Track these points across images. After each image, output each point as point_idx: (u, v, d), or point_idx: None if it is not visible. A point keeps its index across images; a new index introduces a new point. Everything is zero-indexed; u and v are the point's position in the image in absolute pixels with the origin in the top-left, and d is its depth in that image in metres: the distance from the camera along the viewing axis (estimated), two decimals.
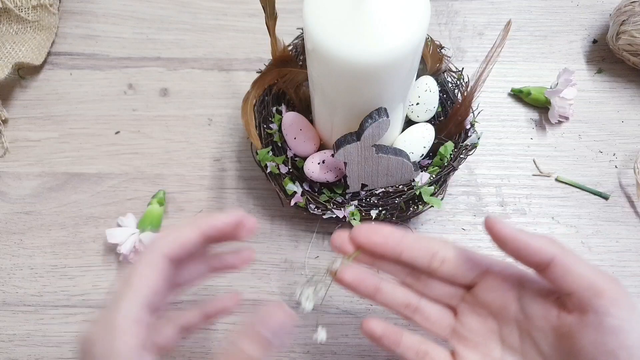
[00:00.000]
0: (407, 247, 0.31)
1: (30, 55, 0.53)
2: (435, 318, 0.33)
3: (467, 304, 0.33)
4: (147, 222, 0.45)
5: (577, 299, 0.27)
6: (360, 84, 0.33)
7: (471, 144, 0.43)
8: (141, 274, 0.27)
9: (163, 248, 0.28)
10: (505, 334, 0.31)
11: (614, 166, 0.49)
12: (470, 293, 0.33)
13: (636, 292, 0.44)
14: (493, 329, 0.32)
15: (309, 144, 0.42)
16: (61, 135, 0.51)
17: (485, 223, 0.29)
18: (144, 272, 0.27)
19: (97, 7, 0.58)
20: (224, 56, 0.55)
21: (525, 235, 0.28)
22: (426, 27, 0.32)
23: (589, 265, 0.28)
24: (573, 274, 0.27)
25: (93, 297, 0.45)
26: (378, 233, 0.31)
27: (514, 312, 0.31)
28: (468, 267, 0.31)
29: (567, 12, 0.57)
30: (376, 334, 0.33)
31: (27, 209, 0.48)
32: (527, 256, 0.28)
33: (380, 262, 0.33)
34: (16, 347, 0.43)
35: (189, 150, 0.51)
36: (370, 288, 0.33)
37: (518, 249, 0.28)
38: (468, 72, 0.45)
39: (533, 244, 0.28)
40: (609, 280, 0.27)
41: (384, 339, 0.33)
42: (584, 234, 0.47)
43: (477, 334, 0.32)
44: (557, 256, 0.27)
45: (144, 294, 0.26)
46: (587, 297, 0.27)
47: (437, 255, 0.31)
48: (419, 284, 0.33)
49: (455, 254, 0.31)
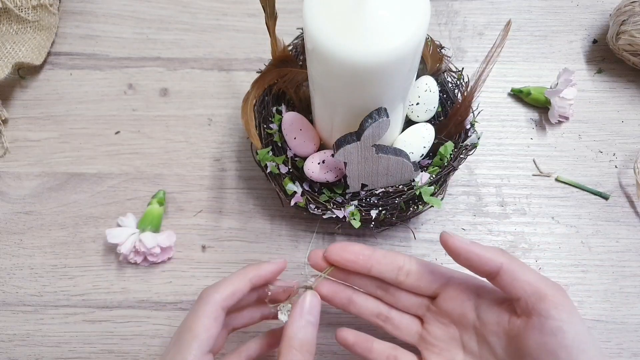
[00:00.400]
0: (376, 262, 0.35)
1: (30, 55, 0.53)
2: (404, 326, 0.37)
3: (431, 313, 0.36)
4: (147, 222, 0.45)
5: (524, 304, 0.30)
6: (360, 84, 0.33)
7: (471, 144, 0.43)
8: (203, 324, 0.31)
9: (218, 300, 0.32)
10: (466, 340, 0.34)
11: (614, 166, 0.49)
12: (434, 303, 0.36)
13: (636, 292, 0.44)
14: (455, 336, 0.35)
15: (309, 144, 0.42)
16: (61, 135, 0.52)
17: (441, 238, 0.33)
18: (205, 323, 0.31)
19: (97, 7, 0.58)
20: (224, 56, 0.55)
21: (476, 248, 0.32)
22: (426, 27, 0.32)
23: (534, 273, 0.31)
24: (519, 281, 0.30)
25: (93, 297, 0.45)
26: (348, 251, 0.35)
27: (472, 319, 0.34)
28: (430, 279, 0.35)
29: (567, 12, 0.57)
30: (349, 341, 0.36)
31: (27, 209, 0.48)
32: (478, 266, 0.32)
33: (352, 276, 0.36)
34: (16, 347, 0.43)
35: (189, 150, 0.51)
36: (344, 300, 0.37)
37: (470, 260, 0.32)
38: (468, 72, 0.45)
39: (483, 255, 0.31)
40: (552, 286, 0.30)
41: (357, 346, 0.36)
42: (584, 234, 0.47)
43: (441, 341, 0.35)
44: (504, 265, 0.31)
45: (206, 342, 0.31)
46: (532, 302, 0.30)
47: (403, 269, 0.35)
48: (388, 295, 0.36)
49: (418, 268, 0.35)
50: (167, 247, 0.45)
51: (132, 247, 0.44)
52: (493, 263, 0.31)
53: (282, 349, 0.31)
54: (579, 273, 0.45)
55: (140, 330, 0.44)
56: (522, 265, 0.31)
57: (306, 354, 0.31)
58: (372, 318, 0.37)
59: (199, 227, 0.47)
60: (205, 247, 0.47)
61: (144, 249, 0.43)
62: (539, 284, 0.30)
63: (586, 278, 0.45)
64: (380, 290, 0.36)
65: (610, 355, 0.42)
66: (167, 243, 0.44)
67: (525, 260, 0.46)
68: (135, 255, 0.44)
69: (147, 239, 0.43)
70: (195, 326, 0.31)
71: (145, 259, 0.45)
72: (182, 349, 0.30)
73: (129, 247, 0.44)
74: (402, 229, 0.47)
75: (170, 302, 0.44)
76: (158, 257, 0.45)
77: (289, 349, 0.31)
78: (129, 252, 0.44)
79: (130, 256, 0.44)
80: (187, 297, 0.45)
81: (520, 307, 0.31)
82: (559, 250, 0.46)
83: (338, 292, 0.37)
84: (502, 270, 0.31)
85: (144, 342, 0.43)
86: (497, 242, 0.46)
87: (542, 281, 0.30)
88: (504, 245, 0.46)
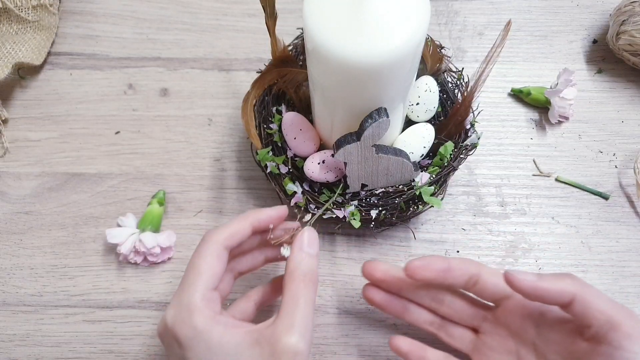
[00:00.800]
0: (450, 276, 0.34)
1: (30, 55, 0.53)
2: (458, 334, 0.37)
3: (488, 323, 0.36)
4: (147, 222, 0.45)
5: (595, 331, 0.30)
6: (360, 84, 0.33)
7: (471, 144, 0.43)
8: (207, 262, 0.31)
9: (220, 239, 0.32)
10: (522, 354, 0.34)
11: (614, 166, 0.49)
12: (494, 314, 0.36)
13: (636, 292, 0.44)
14: (511, 349, 0.35)
15: (309, 144, 0.42)
16: (61, 135, 0.52)
17: (505, 278, 0.32)
18: (209, 260, 0.31)
19: (97, 7, 0.58)
20: (224, 56, 0.55)
21: (544, 283, 0.31)
22: (426, 27, 0.32)
23: (607, 300, 0.30)
24: (593, 310, 0.30)
25: (93, 297, 0.45)
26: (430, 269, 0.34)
27: (532, 335, 0.34)
28: (494, 290, 0.34)
29: (567, 12, 0.57)
30: (403, 349, 0.37)
31: (27, 209, 0.48)
32: (549, 301, 0.31)
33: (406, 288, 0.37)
34: (16, 347, 0.43)
35: (189, 150, 0.51)
36: (398, 308, 0.37)
37: (540, 297, 0.31)
38: (468, 72, 0.45)
39: (553, 290, 0.30)
40: (627, 315, 0.29)
41: (411, 355, 0.37)
42: (584, 234, 0.47)
43: (496, 352, 0.35)
44: (577, 295, 0.30)
45: (211, 280, 0.31)
46: (603, 330, 0.29)
47: (473, 278, 0.34)
48: (444, 307, 0.37)
49: (486, 276, 0.34)
50: (167, 247, 0.45)
51: (132, 247, 0.44)
52: (565, 296, 0.30)
53: (286, 281, 0.32)
54: (579, 273, 0.45)
55: (140, 330, 0.44)
56: (594, 292, 0.30)
57: (309, 283, 0.32)
58: (426, 325, 0.38)
59: (199, 227, 0.47)
60: None
61: (144, 249, 0.43)
62: (612, 313, 0.29)
63: (586, 278, 0.45)
64: (434, 302, 0.37)
65: None
66: (167, 243, 0.44)
67: (525, 260, 0.46)
68: (135, 255, 0.44)
69: (147, 239, 0.43)
70: (199, 264, 0.31)
71: (145, 259, 0.45)
72: (188, 287, 0.31)
73: (129, 247, 0.44)
74: (402, 229, 0.47)
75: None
76: (158, 257, 0.45)
77: (292, 280, 0.32)
78: (129, 252, 0.44)
79: (130, 256, 0.44)
80: None
81: (590, 332, 0.30)
82: (559, 250, 0.46)
83: (392, 300, 0.37)
84: (574, 301, 0.30)
85: (144, 342, 0.43)
86: (497, 242, 0.46)
87: (615, 309, 0.30)
88: (503, 245, 0.46)
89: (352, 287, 0.45)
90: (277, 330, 0.29)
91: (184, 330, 0.30)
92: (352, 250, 0.46)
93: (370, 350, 0.42)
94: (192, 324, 0.29)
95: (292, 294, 0.31)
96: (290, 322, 0.29)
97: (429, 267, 0.34)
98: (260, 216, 0.35)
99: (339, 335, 0.43)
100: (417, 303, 0.37)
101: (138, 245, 0.43)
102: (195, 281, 0.31)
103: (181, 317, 0.30)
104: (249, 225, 0.34)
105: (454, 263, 0.34)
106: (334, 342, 0.43)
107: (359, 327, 0.43)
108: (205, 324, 0.29)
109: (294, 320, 0.29)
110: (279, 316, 0.30)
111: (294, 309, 0.30)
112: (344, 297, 0.44)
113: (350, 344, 0.43)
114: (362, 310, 0.44)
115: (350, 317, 0.44)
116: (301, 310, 0.30)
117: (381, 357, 0.42)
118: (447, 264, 0.34)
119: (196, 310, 0.30)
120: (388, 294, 0.37)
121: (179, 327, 0.30)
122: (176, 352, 0.30)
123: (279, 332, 0.29)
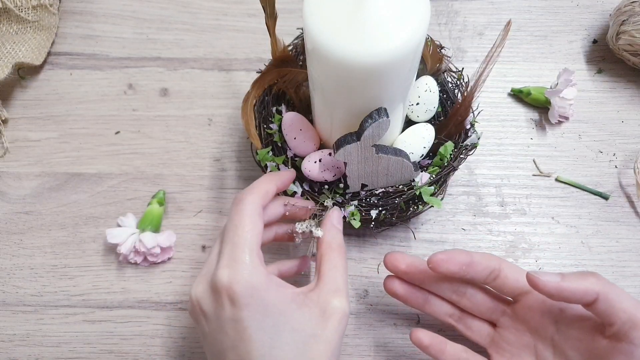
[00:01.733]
0: (472, 270, 0.35)
1: (30, 55, 0.53)
2: (476, 327, 0.38)
3: (507, 317, 0.36)
4: (147, 222, 0.45)
5: (617, 329, 0.30)
6: (360, 84, 0.33)
7: (471, 144, 0.43)
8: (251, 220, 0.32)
9: (256, 199, 0.33)
10: (540, 349, 0.35)
11: (614, 166, 0.49)
12: (513, 308, 0.36)
13: (636, 292, 0.44)
14: (529, 344, 0.35)
15: (309, 144, 0.42)
16: (61, 135, 0.52)
17: (528, 279, 0.32)
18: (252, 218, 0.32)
19: (97, 7, 0.58)
20: (224, 56, 0.55)
21: (568, 283, 0.31)
22: (426, 27, 0.32)
23: (630, 299, 0.30)
24: (616, 309, 0.30)
25: (93, 297, 0.45)
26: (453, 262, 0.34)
27: (551, 331, 0.34)
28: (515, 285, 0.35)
29: (567, 12, 0.57)
30: (424, 342, 0.37)
31: (27, 209, 0.48)
32: (573, 300, 0.31)
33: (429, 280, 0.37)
34: (16, 347, 0.43)
35: (189, 150, 0.51)
36: (419, 299, 0.38)
37: (565, 297, 0.31)
38: (468, 72, 0.45)
39: (576, 289, 0.31)
40: None
41: (431, 348, 0.37)
42: (584, 234, 0.47)
43: (514, 346, 0.36)
44: (600, 294, 0.30)
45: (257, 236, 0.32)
46: (625, 328, 0.29)
47: (494, 272, 0.35)
48: (464, 300, 0.37)
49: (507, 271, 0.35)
50: (167, 247, 0.45)
51: (132, 247, 0.44)
52: (588, 295, 0.30)
53: (324, 251, 0.34)
54: None
55: (140, 330, 0.44)
56: (618, 291, 0.31)
57: (343, 253, 0.35)
58: (446, 317, 0.38)
59: (199, 227, 0.47)
60: (205, 247, 0.47)
61: (144, 249, 0.43)
62: (635, 311, 0.30)
63: None
64: (455, 295, 0.37)
65: None
66: (167, 243, 0.44)
67: (525, 260, 0.46)
68: (135, 255, 0.44)
69: (147, 239, 0.43)
70: (244, 223, 0.31)
71: (145, 259, 0.45)
72: (239, 246, 0.31)
73: (129, 247, 0.44)
74: (402, 229, 0.47)
75: (170, 302, 0.45)
76: (158, 257, 0.45)
77: (332, 250, 0.34)
78: (129, 252, 0.44)
79: (130, 256, 0.44)
80: (187, 297, 0.45)
81: (611, 330, 0.30)
82: (559, 250, 0.46)
83: (414, 292, 0.38)
84: (598, 300, 0.30)
85: (144, 342, 0.43)
86: (497, 242, 0.46)
87: (638, 308, 0.30)
88: (503, 245, 0.46)
89: (352, 287, 0.45)
90: (324, 293, 0.31)
91: (242, 288, 0.29)
92: (352, 250, 0.46)
93: (370, 350, 0.42)
94: (251, 282, 0.29)
95: (333, 262, 0.33)
96: (335, 287, 0.32)
97: (452, 260, 0.34)
98: (281, 177, 0.37)
99: None
100: (438, 295, 0.38)
101: (138, 245, 0.43)
102: (245, 239, 0.31)
103: (239, 275, 0.29)
104: (275, 185, 0.36)
105: (477, 257, 0.35)
106: None
107: (359, 327, 0.43)
108: (262, 282, 0.30)
109: (337, 285, 0.32)
110: (322, 281, 0.32)
111: (336, 275, 0.33)
112: None
113: (350, 344, 0.43)
114: (362, 310, 0.44)
115: (351, 317, 0.44)
116: (342, 276, 0.33)
117: (381, 357, 0.42)
118: (469, 258, 0.34)
119: (253, 267, 0.30)
120: (410, 286, 0.38)
121: (237, 285, 0.29)
122: (226, 314, 0.30)
123: (325, 294, 0.31)
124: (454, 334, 0.39)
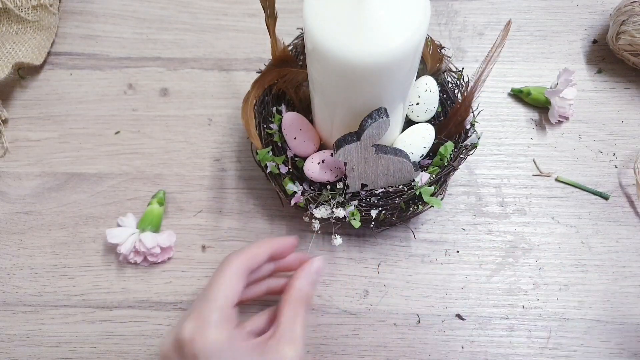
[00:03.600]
0: None
1: (30, 55, 0.53)
2: None
3: None
4: (147, 222, 0.45)
5: None
6: (360, 84, 0.33)
7: (471, 144, 0.43)
8: (229, 280, 0.33)
9: (242, 262, 0.34)
10: None
11: (614, 166, 0.49)
12: None
13: (636, 292, 0.44)
14: None
15: (309, 144, 0.42)
16: (61, 135, 0.52)
17: None
18: (231, 280, 0.33)
19: (97, 7, 0.58)
20: (224, 56, 0.55)
21: None
22: (426, 27, 0.32)
23: None
24: None
25: (93, 297, 0.45)
26: None
27: None
28: None
29: (567, 12, 0.57)
30: None
31: (27, 209, 0.48)
32: None
33: None
34: (16, 347, 0.43)
35: (189, 150, 0.51)
36: None
37: None
38: (468, 72, 0.45)
39: None
40: None
41: None
42: (584, 234, 0.47)
43: None
44: None
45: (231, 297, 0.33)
46: None
47: None
48: None
49: None
50: (167, 247, 0.45)
51: (132, 247, 0.44)
52: None
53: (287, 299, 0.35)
54: (579, 273, 0.45)
55: (140, 330, 0.44)
56: None
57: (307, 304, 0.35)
58: None
59: (199, 227, 0.47)
60: (205, 247, 0.47)
61: (144, 249, 0.43)
62: None
63: (586, 278, 0.45)
64: None
65: (610, 355, 0.42)
66: (167, 243, 0.44)
67: (525, 260, 0.46)
68: (135, 255, 0.44)
69: (147, 239, 0.43)
70: (222, 282, 0.33)
71: (145, 259, 0.45)
72: (210, 303, 0.32)
73: (129, 247, 0.44)
74: (402, 229, 0.47)
75: (170, 302, 0.45)
76: (158, 257, 0.45)
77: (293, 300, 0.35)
78: (129, 252, 0.44)
79: (130, 256, 0.44)
80: (187, 297, 0.45)
81: None
82: (559, 250, 0.46)
83: None
84: None
85: (144, 342, 0.43)
86: (497, 242, 0.46)
87: None
88: (503, 245, 0.46)
89: (352, 287, 0.45)
90: (282, 344, 0.32)
91: (203, 345, 0.30)
92: (352, 250, 0.46)
93: (370, 350, 0.42)
94: (212, 339, 0.31)
95: (294, 311, 0.34)
96: (291, 337, 0.33)
97: None
98: (276, 244, 0.37)
99: (339, 335, 0.43)
100: None
101: (138, 245, 0.43)
102: (217, 298, 0.32)
103: (201, 332, 0.31)
104: (268, 251, 0.36)
105: None
106: (333, 342, 0.43)
107: (359, 327, 0.43)
108: (223, 341, 0.31)
109: (294, 335, 0.33)
110: (280, 331, 0.33)
111: (293, 326, 0.33)
112: (343, 297, 0.44)
113: (350, 344, 0.43)
114: (362, 310, 0.44)
115: (351, 317, 0.44)
116: (300, 327, 0.34)
117: (381, 357, 0.42)
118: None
119: (217, 326, 0.31)
120: None
121: (198, 341, 0.31)
122: None
123: (283, 345, 0.32)
124: None
